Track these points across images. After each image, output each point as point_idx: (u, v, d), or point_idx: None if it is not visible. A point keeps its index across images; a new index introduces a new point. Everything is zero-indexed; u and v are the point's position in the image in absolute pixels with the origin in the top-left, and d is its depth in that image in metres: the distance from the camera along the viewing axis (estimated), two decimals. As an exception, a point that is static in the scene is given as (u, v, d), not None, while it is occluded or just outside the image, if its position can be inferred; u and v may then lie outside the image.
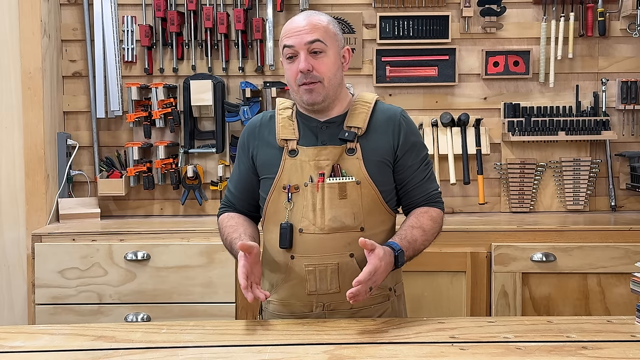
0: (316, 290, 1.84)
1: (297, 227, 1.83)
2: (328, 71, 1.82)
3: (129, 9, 3.30)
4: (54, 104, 3.20)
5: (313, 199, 1.82)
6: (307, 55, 1.80)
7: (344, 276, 1.82)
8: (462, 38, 3.30)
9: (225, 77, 3.30)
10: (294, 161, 1.85)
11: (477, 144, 3.22)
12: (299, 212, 1.83)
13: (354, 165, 1.84)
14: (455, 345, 1.59)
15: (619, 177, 3.31)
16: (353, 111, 1.89)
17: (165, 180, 3.29)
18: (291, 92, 1.89)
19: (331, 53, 1.83)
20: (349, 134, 1.84)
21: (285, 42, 1.83)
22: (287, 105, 1.94)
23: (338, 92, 1.88)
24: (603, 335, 1.65)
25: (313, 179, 1.83)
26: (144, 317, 2.79)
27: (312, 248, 1.83)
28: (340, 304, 1.85)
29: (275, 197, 1.86)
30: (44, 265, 2.81)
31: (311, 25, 1.81)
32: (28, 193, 3.09)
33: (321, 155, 1.84)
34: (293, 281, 1.86)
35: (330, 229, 1.82)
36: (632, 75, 3.28)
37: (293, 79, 1.83)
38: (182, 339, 1.66)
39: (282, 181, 1.85)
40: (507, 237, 2.82)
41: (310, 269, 1.83)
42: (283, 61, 1.87)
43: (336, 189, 1.82)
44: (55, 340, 1.68)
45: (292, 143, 1.86)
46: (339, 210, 1.82)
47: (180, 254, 2.81)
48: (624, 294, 2.75)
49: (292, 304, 1.87)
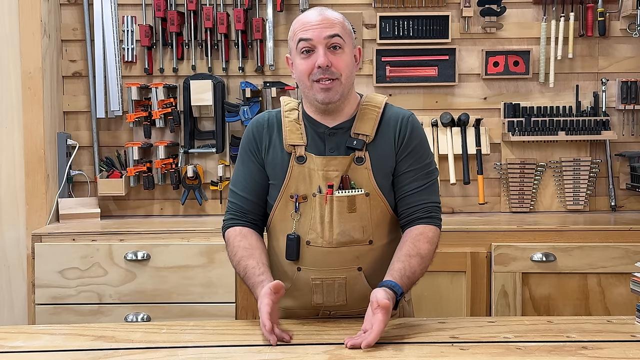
0: (322, 303, 1.81)
1: (305, 239, 1.77)
2: (346, 68, 1.75)
3: (129, 9, 3.30)
4: (54, 104, 3.20)
5: (321, 211, 1.76)
6: (326, 50, 1.72)
7: (351, 290, 1.79)
8: (462, 38, 3.30)
9: (225, 77, 3.30)
10: (301, 168, 1.77)
11: (477, 144, 3.22)
12: (306, 223, 1.77)
13: (363, 175, 1.77)
14: (455, 345, 1.59)
15: (619, 177, 3.31)
16: (362, 116, 1.80)
17: (165, 180, 3.29)
18: (302, 89, 1.79)
19: (348, 50, 1.76)
20: (357, 142, 1.77)
21: (302, 35, 1.73)
22: (293, 106, 1.85)
23: (350, 92, 1.81)
24: (603, 335, 1.65)
25: (322, 190, 1.76)
26: (144, 317, 2.79)
27: (320, 261, 1.78)
28: (346, 313, 1.82)
29: (282, 205, 1.80)
30: (44, 265, 2.81)
31: (329, 20, 1.74)
32: (28, 193, 3.09)
33: (330, 166, 1.76)
34: (299, 292, 1.82)
35: (338, 243, 1.76)
36: (632, 75, 3.28)
37: (307, 75, 1.74)
38: (182, 339, 1.66)
39: (290, 189, 1.78)
40: (507, 237, 2.82)
41: (317, 282, 1.79)
42: (294, 57, 1.78)
43: (345, 202, 1.75)
44: (55, 340, 1.67)
45: (299, 149, 1.78)
46: (348, 224, 1.76)
47: (180, 254, 2.81)
48: (624, 294, 2.75)
49: (297, 312, 1.84)
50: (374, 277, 1.78)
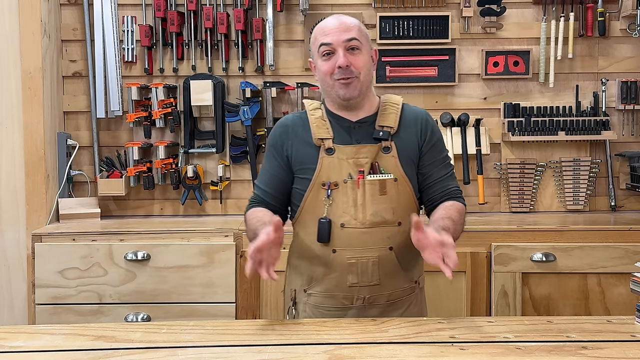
0: (357, 282, 1.91)
1: (338, 222, 1.90)
2: (364, 67, 1.92)
3: (129, 9, 3.30)
4: (54, 104, 3.21)
5: (354, 195, 1.89)
6: (345, 52, 1.89)
7: (384, 270, 1.91)
8: (462, 38, 3.30)
9: (225, 77, 3.30)
10: (331, 159, 1.92)
11: (477, 144, 3.22)
12: (339, 207, 1.90)
13: (391, 163, 1.92)
14: (455, 345, 1.59)
15: (619, 177, 3.31)
16: (383, 111, 1.97)
17: (165, 180, 3.29)
18: (324, 89, 1.96)
19: (365, 51, 1.93)
20: (383, 133, 1.93)
21: (322, 40, 1.91)
22: (316, 106, 2.01)
23: (368, 90, 1.97)
24: (603, 335, 1.65)
25: (352, 176, 1.90)
26: (144, 317, 2.80)
27: (354, 242, 1.90)
28: (378, 297, 1.93)
29: (314, 193, 1.92)
30: (44, 265, 2.81)
31: (346, 25, 1.92)
32: (28, 193, 3.09)
33: (360, 154, 1.91)
34: (335, 274, 1.92)
35: (371, 224, 1.89)
36: (632, 75, 3.28)
37: (329, 75, 1.91)
38: (182, 339, 1.66)
39: (321, 178, 1.91)
40: (507, 237, 2.82)
41: (352, 262, 1.90)
42: (316, 60, 1.95)
43: (377, 185, 1.90)
44: (55, 340, 1.67)
45: (327, 142, 1.93)
46: (380, 205, 1.89)
47: (180, 254, 2.81)
48: (624, 294, 2.75)
49: (334, 295, 1.94)
50: (402, 257, 1.93)
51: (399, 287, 1.95)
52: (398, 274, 1.93)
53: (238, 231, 2.86)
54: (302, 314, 2.00)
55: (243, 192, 3.33)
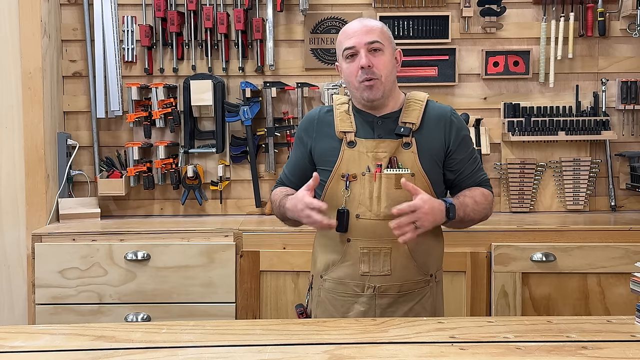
0: (369, 271, 1.98)
1: (354, 212, 1.98)
2: (385, 68, 1.98)
3: (129, 9, 3.30)
4: (54, 104, 3.21)
5: (370, 187, 1.97)
6: (367, 53, 1.96)
7: (395, 260, 1.98)
8: (462, 38, 3.30)
9: (225, 77, 3.30)
10: (352, 152, 1.99)
11: (477, 144, 3.22)
12: (356, 199, 1.98)
13: (410, 158, 1.98)
14: (455, 345, 1.59)
15: (619, 177, 3.31)
16: (407, 108, 2.03)
17: (165, 180, 3.29)
18: (350, 90, 2.03)
19: (387, 52, 2.00)
20: (404, 130, 1.99)
21: (346, 44, 1.98)
22: (344, 101, 2.09)
23: (392, 90, 2.03)
24: (603, 335, 1.65)
25: (370, 169, 1.97)
26: (144, 317, 2.80)
27: (368, 233, 1.97)
28: (389, 287, 1.99)
29: (334, 184, 2.00)
30: (44, 265, 2.81)
31: (368, 28, 1.99)
32: (28, 193, 3.09)
33: (379, 148, 1.98)
34: (348, 262, 2.00)
35: (385, 216, 1.94)
36: (632, 75, 3.28)
37: (354, 76, 1.98)
38: (182, 339, 1.66)
39: (341, 170, 1.99)
40: (507, 237, 2.82)
41: (365, 251, 1.98)
42: (341, 63, 2.03)
43: (393, 179, 1.96)
44: (55, 340, 1.67)
45: (350, 135, 2.01)
46: (395, 199, 1.93)
47: (180, 254, 2.81)
48: (624, 294, 2.75)
49: (346, 283, 2.01)
50: (415, 250, 1.98)
51: (411, 279, 2.00)
52: (410, 266, 1.99)
53: (238, 231, 2.86)
54: (315, 298, 2.08)
55: (243, 192, 3.33)
